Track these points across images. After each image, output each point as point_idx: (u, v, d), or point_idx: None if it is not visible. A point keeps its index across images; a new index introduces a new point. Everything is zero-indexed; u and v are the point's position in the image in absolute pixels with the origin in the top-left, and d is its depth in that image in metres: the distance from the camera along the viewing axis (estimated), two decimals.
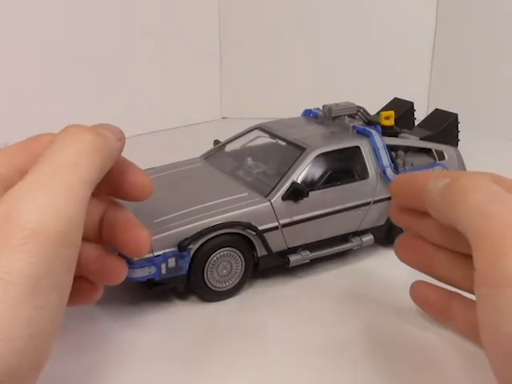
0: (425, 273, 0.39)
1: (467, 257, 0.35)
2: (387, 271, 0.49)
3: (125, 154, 0.38)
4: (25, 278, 0.26)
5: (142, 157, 0.39)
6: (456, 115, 0.56)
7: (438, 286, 0.38)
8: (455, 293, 0.38)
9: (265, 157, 0.53)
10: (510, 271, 0.27)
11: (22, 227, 0.27)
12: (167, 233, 0.44)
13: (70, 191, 0.29)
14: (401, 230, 0.53)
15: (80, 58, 0.80)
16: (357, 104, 0.57)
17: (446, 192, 0.33)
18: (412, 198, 0.38)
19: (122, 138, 0.35)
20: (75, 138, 0.31)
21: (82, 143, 0.31)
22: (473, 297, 0.32)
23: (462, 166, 0.55)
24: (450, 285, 0.38)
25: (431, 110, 0.60)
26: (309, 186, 0.48)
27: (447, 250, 0.37)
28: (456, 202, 0.32)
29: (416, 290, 0.40)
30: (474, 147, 0.58)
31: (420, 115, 0.60)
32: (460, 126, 0.57)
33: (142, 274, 0.43)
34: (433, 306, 0.40)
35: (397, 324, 0.43)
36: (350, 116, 0.55)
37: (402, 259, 0.40)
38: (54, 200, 0.28)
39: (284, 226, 0.47)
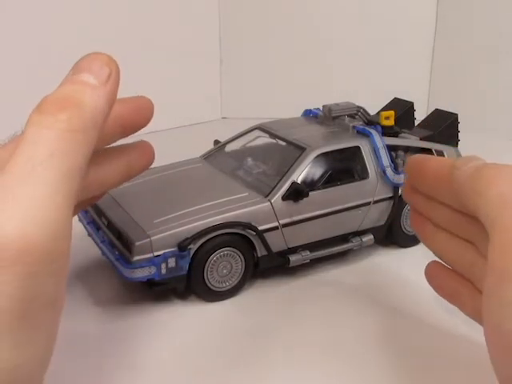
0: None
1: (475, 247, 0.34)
2: (387, 271, 0.49)
3: None
4: (16, 302, 0.24)
5: None
6: (456, 115, 0.56)
7: (451, 271, 0.38)
8: (467, 281, 0.37)
9: (265, 157, 0.53)
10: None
11: (6, 247, 0.23)
12: (167, 233, 0.44)
13: (50, 194, 0.25)
14: (402, 230, 0.53)
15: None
16: (357, 104, 0.57)
17: (474, 175, 0.32)
18: (421, 181, 0.37)
19: (110, 75, 0.29)
20: (46, 122, 0.26)
21: (54, 123, 0.26)
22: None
23: None
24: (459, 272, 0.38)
25: (431, 110, 0.59)
26: (309, 186, 0.48)
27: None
28: (480, 189, 0.31)
29: (431, 270, 0.39)
30: (474, 147, 0.58)
31: (420, 115, 0.60)
32: (459, 126, 0.57)
33: (142, 274, 0.43)
34: (445, 289, 0.39)
35: (397, 323, 0.43)
36: (350, 116, 0.55)
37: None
38: (34, 209, 0.24)
39: (284, 226, 0.47)
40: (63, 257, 0.26)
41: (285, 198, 0.47)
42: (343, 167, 0.50)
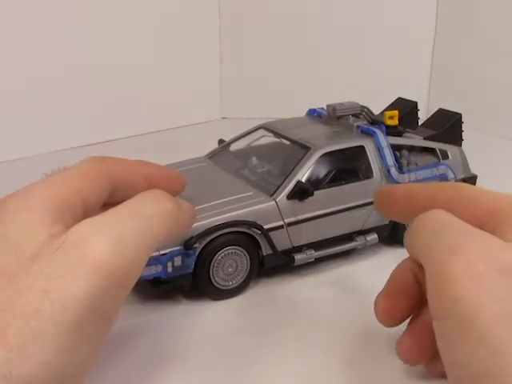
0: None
1: None
2: (391, 270, 0.49)
3: (125, 154, 0.38)
4: (81, 307, 0.27)
5: (142, 157, 0.39)
6: (460, 115, 0.56)
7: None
8: None
9: (269, 156, 0.53)
10: (448, 304, 0.27)
11: (91, 257, 0.28)
12: None
13: (141, 238, 0.30)
14: (406, 229, 0.53)
15: (80, 59, 0.80)
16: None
17: (407, 235, 0.34)
18: (391, 210, 0.39)
19: (192, 217, 0.38)
20: (159, 199, 0.34)
21: (163, 205, 0.33)
22: None
23: (465, 166, 0.55)
24: None
25: (431, 109, 0.60)
26: (314, 185, 0.48)
27: None
28: (411, 244, 0.33)
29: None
30: (474, 147, 0.58)
31: (420, 115, 0.60)
32: (463, 126, 0.57)
33: (148, 272, 0.43)
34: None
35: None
36: (354, 115, 0.55)
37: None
38: (125, 241, 0.29)
39: (289, 224, 0.47)
40: (127, 289, 0.30)
41: (290, 197, 0.47)
42: (348, 166, 0.50)
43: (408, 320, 0.36)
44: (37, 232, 0.29)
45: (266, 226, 0.46)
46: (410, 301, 0.35)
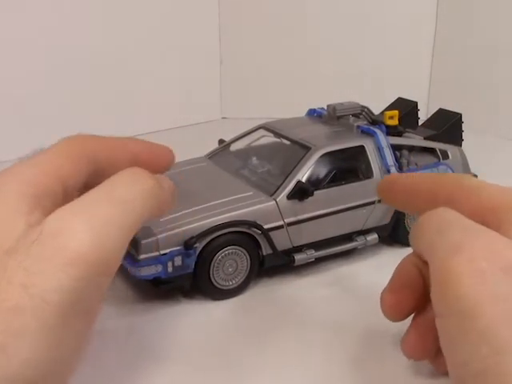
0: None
1: None
2: (392, 270, 0.49)
3: None
4: (61, 300, 0.26)
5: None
6: (460, 115, 0.56)
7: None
8: None
9: (270, 156, 0.53)
10: (451, 301, 0.27)
11: (69, 248, 0.26)
12: (173, 231, 0.44)
13: (121, 223, 0.29)
14: (406, 231, 0.53)
15: (79, 58, 0.80)
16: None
17: (412, 231, 0.34)
18: (395, 199, 0.39)
19: (174, 194, 0.36)
20: (138, 178, 0.32)
21: (142, 184, 0.32)
22: None
23: (465, 166, 0.55)
24: None
25: (431, 110, 0.60)
26: (314, 185, 0.48)
27: None
28: (416, 241, 0.33)
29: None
30: (474, 147, 0.58)
31: (420, 115, 0.60)
32: (463, 126, 0.57)
33: (148, 272, 0.43)
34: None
35: (401, 323, 0.43)
36: (354, 115, 0.55)
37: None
38: (105, 228, 0.28)
39: (289, 224, 0.47)
40: (110, 276, 0.29)
41: (290, 196, 0.47)
42: (348, 166, 0.50)
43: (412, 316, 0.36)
44: (14, 222, 0.28)
45: (266, 226, 0.46)
46: (415, 295, 0.35)
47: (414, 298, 0.35)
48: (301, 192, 0.47)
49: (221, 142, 0.58)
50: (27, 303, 0.25)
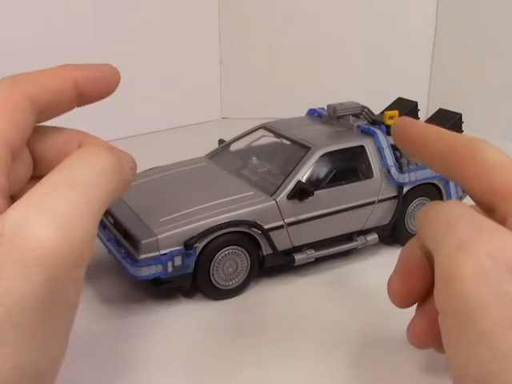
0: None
1: None
2: (391, 270, 0.49)
3: None
4: (39, 302, 0.24)
5: (142, 157, 0.39)
6: (460, 115, 0.56)
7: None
8: None
9: (270, 156, 0.53)
10: (453, 300, 0.26)
11: (37, 246, 0.24)
12: (173, 231, 0.44)
13: (87, 209, 0.27)
14: (406, 229, 0.53)
15: (79, 58, 0.80)
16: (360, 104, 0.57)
17: (418, 219, 0.32)
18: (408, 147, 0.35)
19: (134, 167, 0.34)
20: (96, 157, 0.29)
21: (102, 162, 0.29)
22: None
23: None
24: None
25: (431, 109, 0.60)
26: (314, 185, 0.48)
27: None
28: (422, 232, 0.31)
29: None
30: None
31: (420, 115, 0.60)
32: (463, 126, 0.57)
33: (148, 272, 0.43)
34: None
35: (401, 323, 0.43)
36: (354, 115, 0.55)
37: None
38: (71, 217, 0.26)
39: (289, 224, 0.48)
40: (84, 266, 0.27)
41: (290, 197, 0.47)
42: (348, 166, 0.50)
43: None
44: None
45: (266, 226, 0.46)
46: (422, 279, 0.33)
47: (422, 282, 0.33)
48: (301, 192, 0.47)
49: (221, 142, 0.58)
50: (3, 313, 0.23)
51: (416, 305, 0.35)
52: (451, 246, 0.27)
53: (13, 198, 0.33)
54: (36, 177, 0.33)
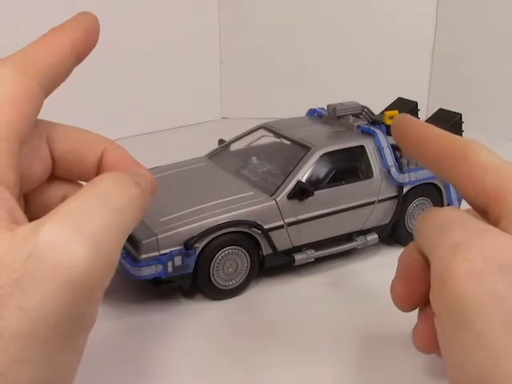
0: None
1: None
2: (391, 270, 0.49)
3: None
4: (63, 320, 0.24)
5: (142, 157, 0.39)
6: (460, 115, 0.56)
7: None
8: None
9: (270, 156, 0.53)
10: (448, 301, 0.26)
11: (68, 265, 0.24)
12: (173, 231, 0.44)
13: (118, 234, 0.28)
14: (406, 229, 0.53)
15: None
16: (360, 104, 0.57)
17: (416, 226, 0.33)
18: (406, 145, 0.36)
19: (155, 186, 0.35)
20: (125, 185, 0.30)
21: (131, 192, 0.30)
22: None
23: None
24: None
25: (431, 109, 0.60)
26: (314, 185, 0.48)
27: None
28: (419, 238, 0.32)
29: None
30: None
31: (420, 115, 0.60)
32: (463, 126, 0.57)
33: (148, 272, 0.43)
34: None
35: (401, 323, 0.43)
36: (354, 115, 0.55)
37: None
38: (104, 240, 0.26)
39: (289, 224, 0.48)
40: (104, 286, 0.27)
41: (290, 196, 0.47)
42: (348, 166, 0.50)
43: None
44: None
45: (266, 226, 0.46)
46: (423, 281, 0.33)
47: (422, 285, 0.33)
48: (301, 192, 0.47)
49: (221, 141, 0.58)
50: (28, 328, 0.23)
51: (418, 310, 0.35)
52: (445, 248, 0.27)
53: (27, 197, 0.33)
54: (54, 177, 0.33)
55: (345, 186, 0.50)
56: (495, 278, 0.25)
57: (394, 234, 0.53)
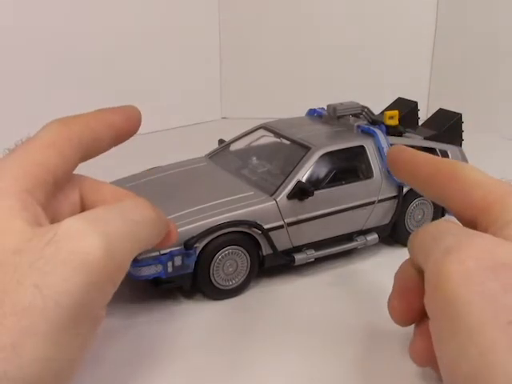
0: None
1: None
2: (391, 270, 0.49)
3: (125, 154, 0.38)
4: (72, 303, 0.26)
5: (142, 157, 0.39)
6: (460, 115, 0.56)
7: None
8: None
9: (270, 156, 0.53)
10: (441, 302, 0.27)
11: (84, 252, 0.27)
12: None
13: (131, 240, 0.31)
14: (406, 229, 0.53)
15: (79, 58, 0.80)
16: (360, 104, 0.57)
17: (409, 241, 0.35)
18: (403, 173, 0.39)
19: (165, 229, 0.37)
20: (144, 207, 0.34)
21: (148, 213, 0.34)
22: None
23: None
24: None
25: (431, 109, 0.60)
26: (314, 185, 0.48)
27: None
28: (413, 250, 0.34)
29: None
30: (473, 147, 0.58)
31: (420, 115, 0.60)
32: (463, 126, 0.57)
33: (148, 272, 0.43)
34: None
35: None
36: (354, 115, 0.55)
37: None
38: (118, 240, 0.29)
39: (289, 224, 0.47)
40: (115, 287, 0.30)
41: (290, 196, 0.47)
42: (348, 166, 0.50)
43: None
44: (9, 220, 0.28)
45: (266, 226, 0.46)
46: (418, 295, 0.34)
47: (418, 298, 0.34)
48: (301, 192, 0.47)
49: (221, 141, 0.58)
50: (39, 304, 0.25)
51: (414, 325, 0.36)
52: (438, 253, 0.28)
53: None
54: None
55: (345, 186, 0.50)
56: (486, 278, 0.26)
57: (394, 234, 0.53)
